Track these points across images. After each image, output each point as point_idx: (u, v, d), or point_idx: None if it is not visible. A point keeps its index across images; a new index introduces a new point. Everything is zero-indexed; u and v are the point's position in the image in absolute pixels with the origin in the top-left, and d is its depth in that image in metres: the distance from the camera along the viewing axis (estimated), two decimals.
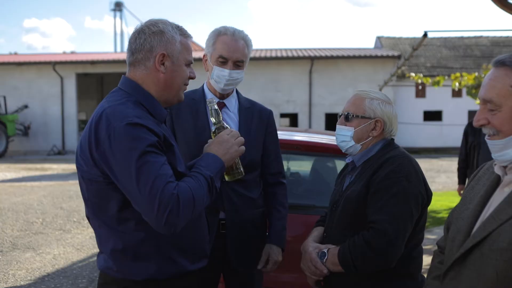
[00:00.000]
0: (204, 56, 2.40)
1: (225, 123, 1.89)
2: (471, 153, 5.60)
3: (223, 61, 2.29)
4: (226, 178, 1.90)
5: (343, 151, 2.12)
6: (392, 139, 2.10)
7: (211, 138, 1.86)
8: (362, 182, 1.96)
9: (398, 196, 1.86)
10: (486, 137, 1.50)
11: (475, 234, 1.43)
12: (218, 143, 1.79)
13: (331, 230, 2.08)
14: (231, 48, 2.28)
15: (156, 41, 1.70)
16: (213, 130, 1.88)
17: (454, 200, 9.00)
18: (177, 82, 1.76)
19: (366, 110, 2.03)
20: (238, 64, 2.31)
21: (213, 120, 1.88)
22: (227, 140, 1.79)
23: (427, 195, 1.96)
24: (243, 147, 1.83)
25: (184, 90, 1.82)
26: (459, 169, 5.89)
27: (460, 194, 5.96)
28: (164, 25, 1.73)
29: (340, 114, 2.12)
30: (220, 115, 1.89)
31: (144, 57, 1.71)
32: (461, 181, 5.88)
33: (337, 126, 2.10)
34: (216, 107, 1.88)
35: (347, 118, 2.06)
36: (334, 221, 2.05)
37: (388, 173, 1.90)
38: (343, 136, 2.07)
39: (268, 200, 2.48)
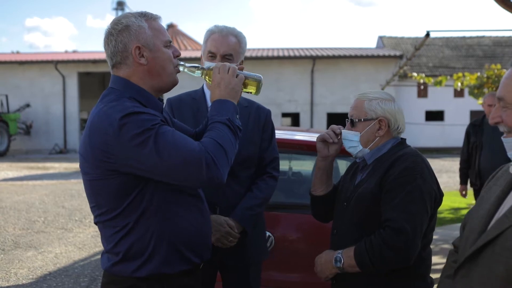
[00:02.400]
0: (201, 56, 2.49)
1: (206, 65, 1.88)
2: (473, 153, 5.58)
3: (211, 56, 2.38)
4: (253, 93, 1.89)
5: (353, 156, 2.12)
6: (404, 139, 2.10)
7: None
8: (375, 179, 1.95)
9: (413, 193, 1.85)
10: (503, 136, 1.51)
11: (488, 232, 1.43)
12: (216, 85, 1.78)
13: (341, 227, 2.07)
14: (218, 44, 2.36)
15: (126, 37, 1.69)
16: (203, 77, 1.87)
17: (455, 200, 8.99)
18: (164, 66, 1.75)
19: (367, 112, 2.04)
20: (227, 58, 2.36)
21: (197, 72, 1.87)
22: (221, 78, 1.78)
23: (440, 194, 1.96)
24: (241, 75, 1.81)
25: (176, 72, 1.80)
26: (460, 169, 5.86)
27: (462, 194, 5.92)
28: (127, 19, 1.72)
29: (346, 119, 2.12)
30: (197, 65, 1.89)
31: (122, 57, 1.71)
32: (463, 181, 5.86)
33: (343, 132, 2.10)
34: (187, 64, 1.87)
35: (352, 123, 2.07)
36: (346, 218, 2.04)
37: (402, 170, 1.89)
38: (350, 142, 2.07)
39: (250, 187, 2.45)
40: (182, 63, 1.83)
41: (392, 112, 2.04)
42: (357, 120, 2.05)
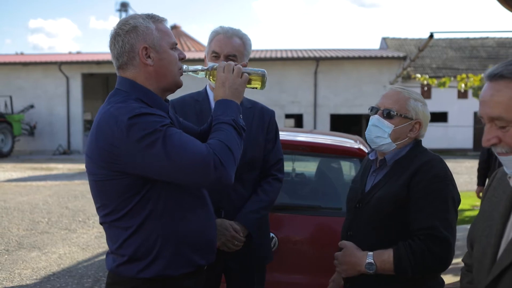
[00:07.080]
0: (205, 56, 2.48)
1: (209, 65, 1.89)
2: (493, 154, 5.49)
3: (215, 56, 2.37)
4: (259, 88, 1.90)
5: (373, 147, 2.03)
6: (420, 141, 2.07)
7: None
8: (399, 183, 1.90)
9: (448, 202, 1.86)
10: (498, 152, 1.35)
11: (501, 258, 1.35)
12: (221, 85, 1.79)
13: (358, 230, 2.01)
14: (223, 44, 2.36)
15: (133, 38, 1.69)
16: (207, 77, 1.89)
17: (461, 202, 8.93)
18: (169, 68, 1.75)
19: (409, 110, 1.98)
20: (231, 59, 2.35)
21: (201, 73, 1.89)
22: (226, 77, 1.79)
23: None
24: (245, 75, 1.82)
25: (180, 75, 1.81)
26: (479, 170, 5.75)
27: (478, 196, 5.84)
28: (134, 19, 1.72)
29: (375, 108, 2.02)
30: (199, 67, 1.90)
31: (129, 58, 1.71)
32: (481, 182, 5.76)
33: (375, 118, 1.99)
34: (190, 67, 1.88)
35: (389, 115, 1.97)
36: (361, 221, 1.99)
37: (434, 177, 1.87)
38: (380, 131, 1.97)
39: (255, 189, 2.43)
40: (185, 66, 1.84)
41: (427, 119, 2.05)
42: (396, 114, 1.97)
